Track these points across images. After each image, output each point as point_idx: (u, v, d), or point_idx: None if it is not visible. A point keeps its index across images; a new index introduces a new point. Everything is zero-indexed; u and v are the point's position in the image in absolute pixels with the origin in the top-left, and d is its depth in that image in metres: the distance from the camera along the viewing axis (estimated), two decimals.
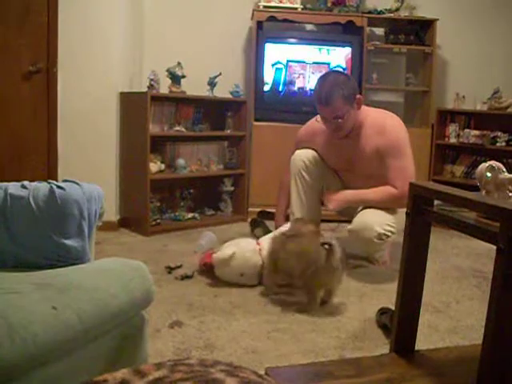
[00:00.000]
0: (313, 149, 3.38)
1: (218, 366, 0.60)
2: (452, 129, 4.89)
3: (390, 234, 3.03)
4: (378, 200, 3.07)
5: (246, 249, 2.93)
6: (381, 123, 3.11)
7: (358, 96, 3.07)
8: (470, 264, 3.51)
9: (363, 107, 3.14)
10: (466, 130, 4.81)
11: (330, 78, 3.07)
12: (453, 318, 2.60)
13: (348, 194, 3.15)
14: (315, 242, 2.56)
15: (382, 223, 3.00)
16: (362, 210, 3.18)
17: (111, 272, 1.61)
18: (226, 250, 2.91)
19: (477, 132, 4.74)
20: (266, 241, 3.03)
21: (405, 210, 1.84)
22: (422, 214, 1.73)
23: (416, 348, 1.87)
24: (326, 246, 2.47)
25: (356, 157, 3.16)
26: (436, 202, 1.73)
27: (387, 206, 3.07)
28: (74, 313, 1.34)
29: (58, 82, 3.91)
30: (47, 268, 1.62)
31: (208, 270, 3.01)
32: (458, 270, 3.37)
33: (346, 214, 3.38)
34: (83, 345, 1.40)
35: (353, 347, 2.23)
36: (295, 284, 2.67)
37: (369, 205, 3.12)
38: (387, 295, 2.79)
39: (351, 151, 3.17)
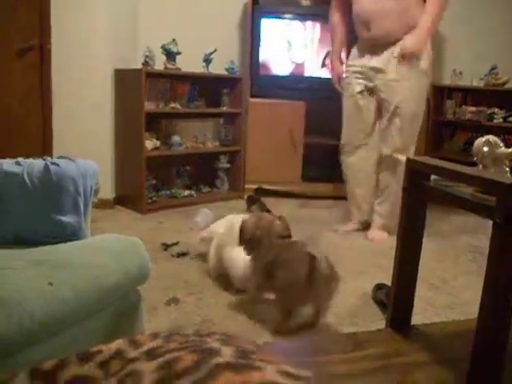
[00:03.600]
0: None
1: (213, 336, 0.60)
2: (449, 105, 4.87)
3: None
4: (439, 13, 3.26)
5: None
6: None
7: None
8: (466, 240, 3.52)
9: None
10: (463, 107, 4.79)
11: None
12: (449, 294, 2.61)
13: (420, 32, 3.23)
14: (298, 248, 2.17)
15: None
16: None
17: (107, 248, 1.61)
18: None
19: (473, 108, 4.73)
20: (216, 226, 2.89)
21: None
22: (419, 188, 1.72)
23: (412, 323, 1.88)
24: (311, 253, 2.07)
25: None
26: (433, 177, 1.72)
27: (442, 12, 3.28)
28: (69, 289, 1.34)
29: (52, 58, 3.86)
30: (43, 244, 1.61)
31: None
32: (454, 246, 3.38)
33: None
34: (79, 321, 1.40)
35: (349, 323, 2.24)
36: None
37: (435, 24, 3.32)
38: (383, 271, 2.80)
39: None
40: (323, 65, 4.70)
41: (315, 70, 4.72)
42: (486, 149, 1.67)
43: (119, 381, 0.54)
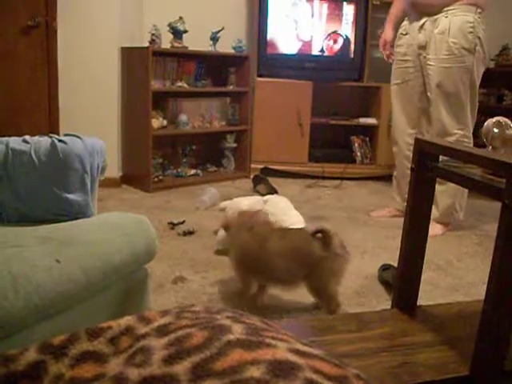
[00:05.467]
0: None
1: (223, 313, 0.60)
2: None
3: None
4: None
5: None
6: None
7: None
8: (472, 222, 3.51)
9: None
10: None
11: None
12: (454, 276, 2.62)
13: None
14: (302, 233, 2.11)
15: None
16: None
17: (114, 226, 1.61)
18: None
19: (482, 90, 4.68)
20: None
21: None
22: (427, 169, 1.71)
23: (417, 304, 1.88)
24: (319, 235, 2.01)
25: None
26: (441, 158, 1.71)
27: None
28: (77, 266, 1.35)
29: (58, 36, 3.84)
30: (50, 222, 1.62)
31: None
32: (459, 229, 3.37)
33: None
34: (87, 297, 1.40)
35: (355, 303, 2.25)
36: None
37: None
38: (389, 253, 2.81)
39: None
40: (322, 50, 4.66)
41: (323, 49, 4.67)
42: (495, 130, 1.65)
43: (129, 357, 0.54)
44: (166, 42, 4.11)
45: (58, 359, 0.59)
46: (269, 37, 4.57)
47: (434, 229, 3.14)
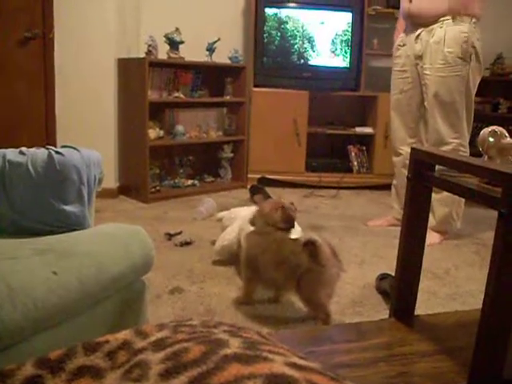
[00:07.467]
0: None
1: (221, 327, 0.60)
2: None
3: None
4: None
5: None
6: None
7: None
8: (470, 231, 3.52)
9: None
10: None
11: None
12: (452, 284, 2.62)
13: None
14: (293, 244, 2.09)
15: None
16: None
17: (111, 237, 1.61)
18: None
19: (478, 98, 4.70)
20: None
21: None
22: (423, 179, 1.72)
23: (415, 313, 1.88)
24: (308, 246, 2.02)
25: None
26: (437, 168, 1.71)
27: None
28: (74, 277, 1.34)
29: (55, 48, 3.85)
30: (47, 234, 1.61)
31: None
32: (457, 237, 3.37)
33: None
34: (84, 309, 1.40)
35: (352, 312, 2.25)
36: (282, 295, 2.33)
37: None
38: (386, 262, 2.81)
39: None
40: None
41: (319, 59, 4.69)
42: (491, 139, 1.66)
43: (126, 371, 0.54)
44: (163, 52, 4.13)
45: (54, 374, 0.59)
46: (265, 47, 4.59)
47: (432, 237, 3.14)
